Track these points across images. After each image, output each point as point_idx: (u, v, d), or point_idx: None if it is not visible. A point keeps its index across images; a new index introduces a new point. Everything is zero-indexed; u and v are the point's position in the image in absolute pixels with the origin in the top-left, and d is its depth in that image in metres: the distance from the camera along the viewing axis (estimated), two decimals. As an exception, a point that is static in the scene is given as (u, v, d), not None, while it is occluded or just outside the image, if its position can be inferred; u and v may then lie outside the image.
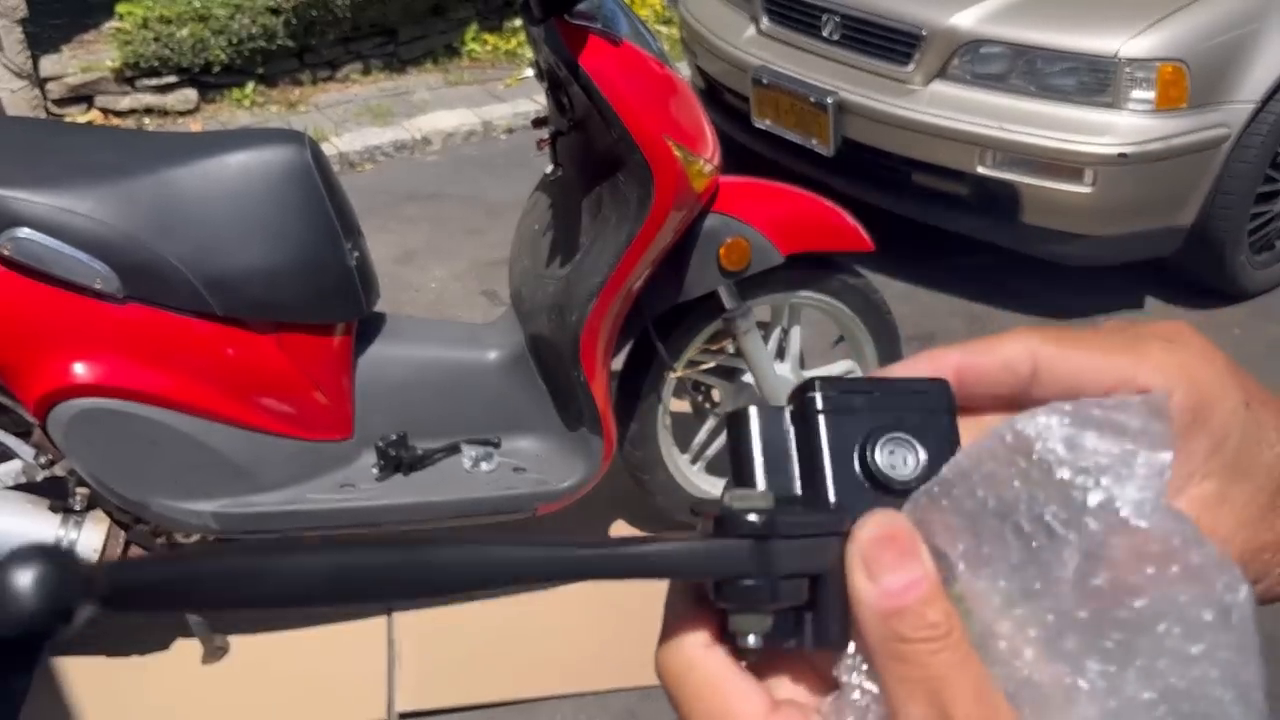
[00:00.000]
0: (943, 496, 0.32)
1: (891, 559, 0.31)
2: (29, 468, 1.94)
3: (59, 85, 4.71)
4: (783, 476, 0.33)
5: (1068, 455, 0.30)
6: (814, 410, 0.33)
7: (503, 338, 2.20)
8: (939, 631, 0.30)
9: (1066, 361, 0.35)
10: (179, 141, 1.98)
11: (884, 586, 0.30)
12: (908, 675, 0.30)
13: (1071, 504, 0.30)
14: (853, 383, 0.34)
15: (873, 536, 0.31)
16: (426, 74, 5.40)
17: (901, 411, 0.33)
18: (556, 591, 2.34)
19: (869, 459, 0.33)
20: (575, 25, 1.86)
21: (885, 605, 0.30)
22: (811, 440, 0.33)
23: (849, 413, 0.33)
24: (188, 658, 2.17)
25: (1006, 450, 0.31)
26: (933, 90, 3.28)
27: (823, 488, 0.32)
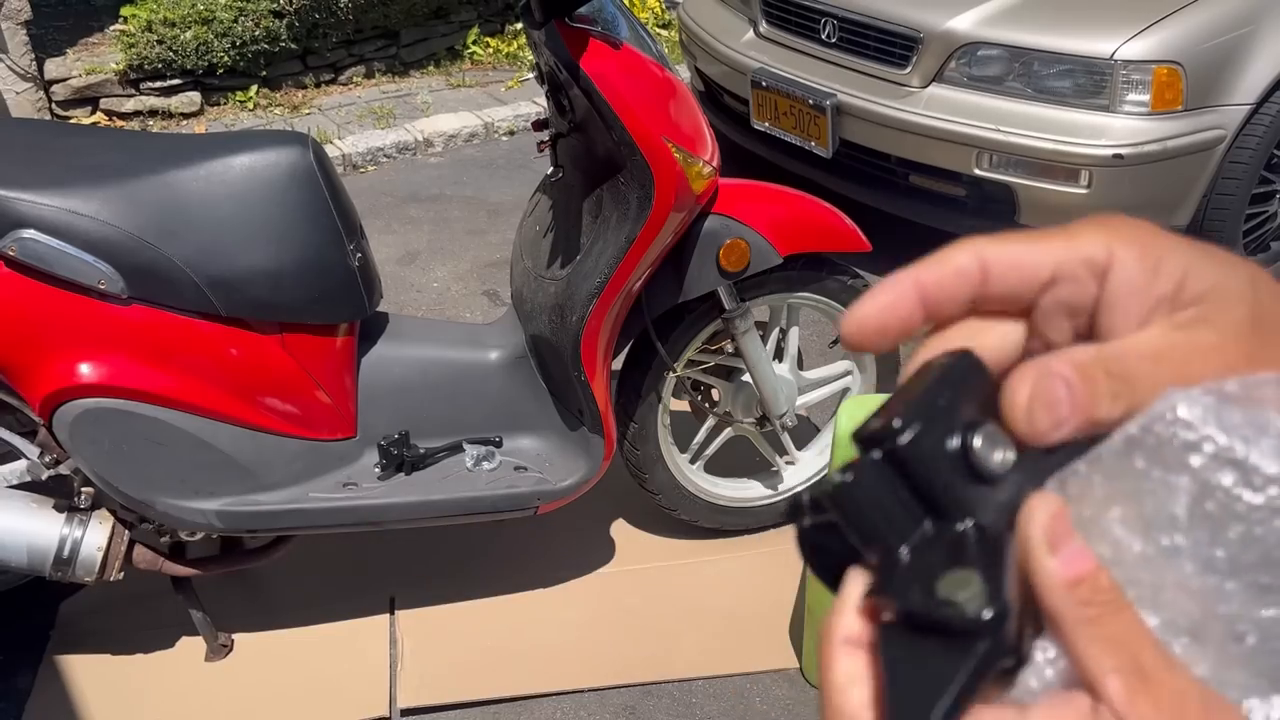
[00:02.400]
0: (1094, 471, 0.34)
1: (1064, 535, 0.33)
2: (34, 467, 1.95)
3: (63, 88, 4.73)
4: (905, 521, 0.33)
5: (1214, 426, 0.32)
6: (905, 450, 0.33)
7: (504, 338, 2.22)
8: (1116, 594, 0.33)
9: (1008, 254, 0.36)
10: (183, 143, 1.99)
11: (1064, 559, 0.32)
12: (1098, 635, 0.32)
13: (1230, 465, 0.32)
14: (914, 395, 0.34)
15: (1048, 516, 0.33)
16: (429, 76, 5.42)
17: (965, 400, 0.34)
18: (557, 590, 2.36)
19: (974, 462, 0.33)
20: (576, 28, 1.87)
21: (1069, 575, 0.32)
22: (917, 476, 0.33)
23: (932, 426, 0.33)
24: (191, 655, 2.18)
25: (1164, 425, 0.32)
26: (930, 93, 3.30)
27: (949, 510, 0.33)
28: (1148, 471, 0.33)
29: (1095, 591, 0.32)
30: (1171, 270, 0.36)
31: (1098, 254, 0.36)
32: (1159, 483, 0.32)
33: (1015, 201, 3.20)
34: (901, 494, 0.33)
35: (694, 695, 2.13)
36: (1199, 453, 0.32)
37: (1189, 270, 0.36)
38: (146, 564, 2.04)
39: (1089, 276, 0.36)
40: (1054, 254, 0.36)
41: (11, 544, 1.93)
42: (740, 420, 2.41)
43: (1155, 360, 0.35)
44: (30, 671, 2.18)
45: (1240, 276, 0.36)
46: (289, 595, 2.36)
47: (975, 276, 0.37)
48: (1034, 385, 0.34)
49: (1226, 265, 0.36)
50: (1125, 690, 0.32)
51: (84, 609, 2.30)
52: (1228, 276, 0.36)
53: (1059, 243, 0.37)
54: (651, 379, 2.24)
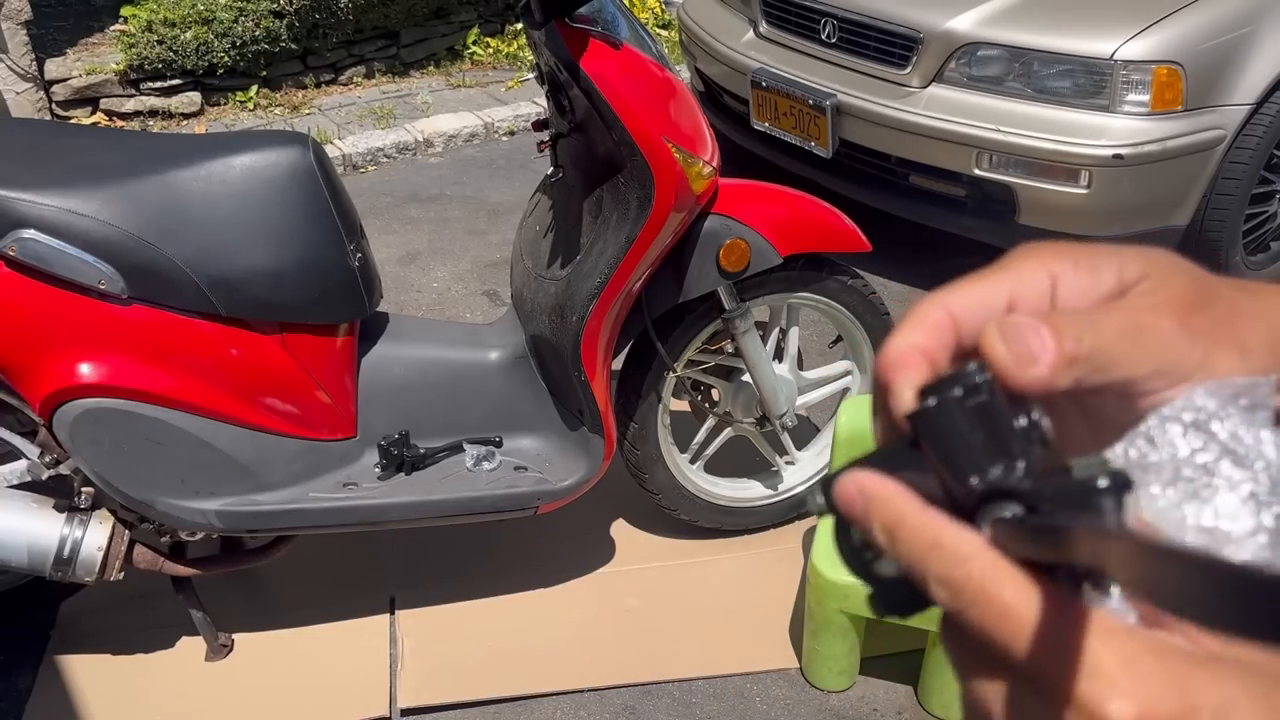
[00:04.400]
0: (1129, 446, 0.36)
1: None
2: (34, 467, 1.95)
3: (64, 88, 4.73)
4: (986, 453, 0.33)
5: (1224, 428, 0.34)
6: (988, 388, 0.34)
7: (504, 338, 2.22)
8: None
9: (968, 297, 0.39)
10: (183, 143, 1.99)
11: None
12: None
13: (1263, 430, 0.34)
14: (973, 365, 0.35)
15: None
16: (429, 77, 5.42)
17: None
18: (557, 589, 2.36)
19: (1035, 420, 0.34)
20: (576, 29, 1.87)
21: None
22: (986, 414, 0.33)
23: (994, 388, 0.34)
24: (191, 655, 2.18)
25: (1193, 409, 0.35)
26: (930, 93, 3.30)
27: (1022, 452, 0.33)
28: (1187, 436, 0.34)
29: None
30: (1108, 270, 0.39)
31: (1040, 281, 0.40)
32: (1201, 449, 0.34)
33: (1015, 202, 3.21)
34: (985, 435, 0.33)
35: (694, 695, 2.13)
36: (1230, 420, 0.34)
37: (1122, 265, 0.39)
38: (147, 564, 2.04)
39: (1040, 298, 0.39)
40: (1005, 286, 0.40)
41: (12, 544, 1.93)
42: (740, 420, 2.41)
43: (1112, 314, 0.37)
44: (30, 671, 2.18)
45: (1169, 257, 0.40)
46: (289, 595, 2.36)
47: (949, 328, 0.39)
48: (999, 327, 0.36)
49: (1154, 253, 0.40)
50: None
51: (84, 609, 2.30)
52: (1159, 259, 0.40)
53: (1005, 275, 0.40)
54: (651, 379, 2.24)
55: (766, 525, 2.51)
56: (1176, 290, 0.38)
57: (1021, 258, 0.41)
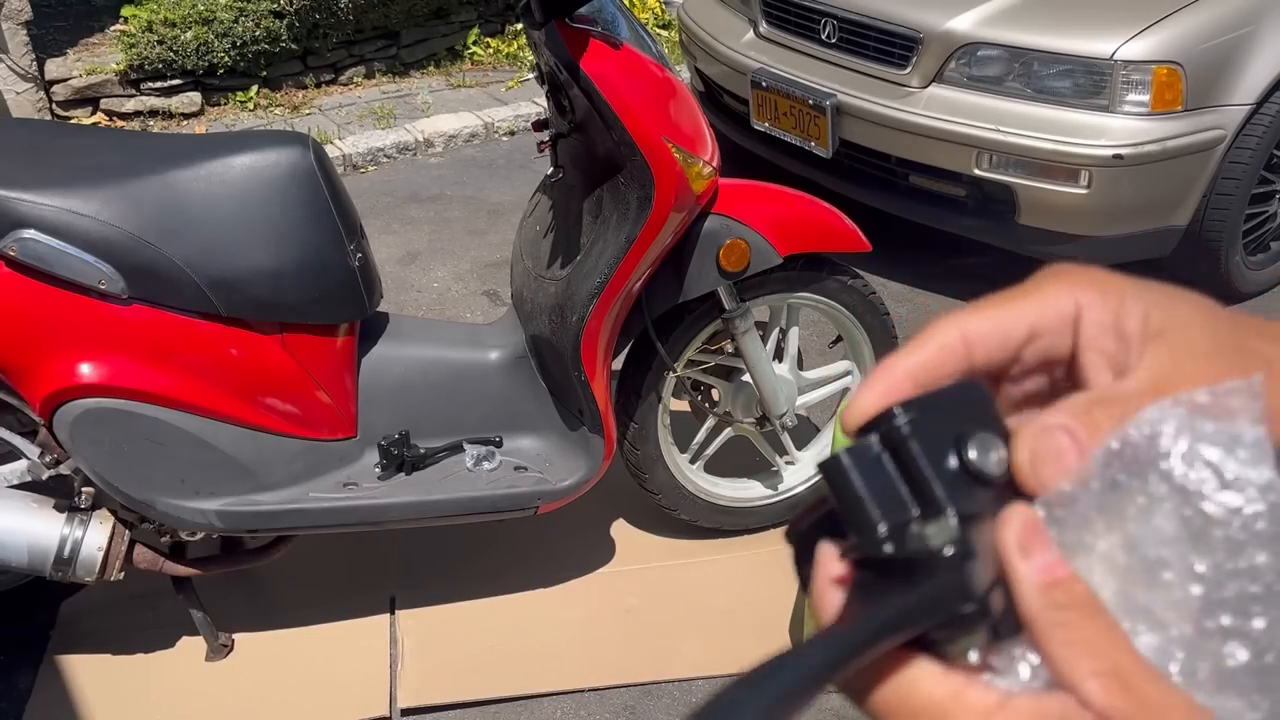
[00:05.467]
0: (1078, 491, 0.34)
1: (1039, 542, 0.34)
2: (34, 467, 1.95)
3: (64, 88, 4.73)
4: (894, 501, 0.34)
5: (1192, 435, 0.33)
6: (903, 435, 0.34)
7: (504, 338, 2.22)
8: (1090, 600, 0.33)
9: (986, 323, 0.39)
10: (183, 143, 1.99)
11: (1039, 564, 0.33)
12: (1073, 638, 0.33)
13: (1206, 473, 0.33)
14: (916, 400, 0.35)
15: (1021, 523, 0.34)
16: (429, 77, 5.42)
17: (965, 412, 0.36)
18: (557, 589, 2.36)
19: (967, 460, 0.34)
20: (576, 29, 1.88)
21: (1043, 579, 0.33)
22: (910, 461, 0.34)
23: (930, 426, 0.35)
24: (192, 655, 2.19)
25: (1141, 439, 0.33)
26: (930, 93, 3.30)
27: (936, 499, 0.33)
28: (1128, 484, 0.33)
29: (1070, 596, 0.33)
30: (1133, 309, 0.38)
31: (1065, 307, 0.39)
32: (1139, 494, 0.33)
33: (1015, 202, 3.21)
34: (893, 479, 0.34)
35: (694, 695, 2.13)
36: (1173, 462, 0.33)
37: (1149, 307, 0.38)
38: (147, 564, 2.04)
39: (1062, 328, 0.39)
40: (1027, 314, 0.39)
41: (12, 544, 1.93)
42: (740, 420, 2.41)
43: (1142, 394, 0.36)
44: (30, 671, 2.18)
45: (1196, 306, 0.39)
46: (289, 595, 2.36)
47: (960, 351, 0.39)
48: (1034, 441, 0.35)
49: (1182, 299, 0.39)
50: (1105, 693, 0.32)
51: (84, 609, 2.30)
52: (1185, 308, 0.39)
53: (1029, 302, 0.39)
54: (651, 379, 2.24)
55: (766, 525, 2.51)
56: (1197, 350, 0.37)
57: (1050, 280, 0.40)
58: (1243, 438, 0.33)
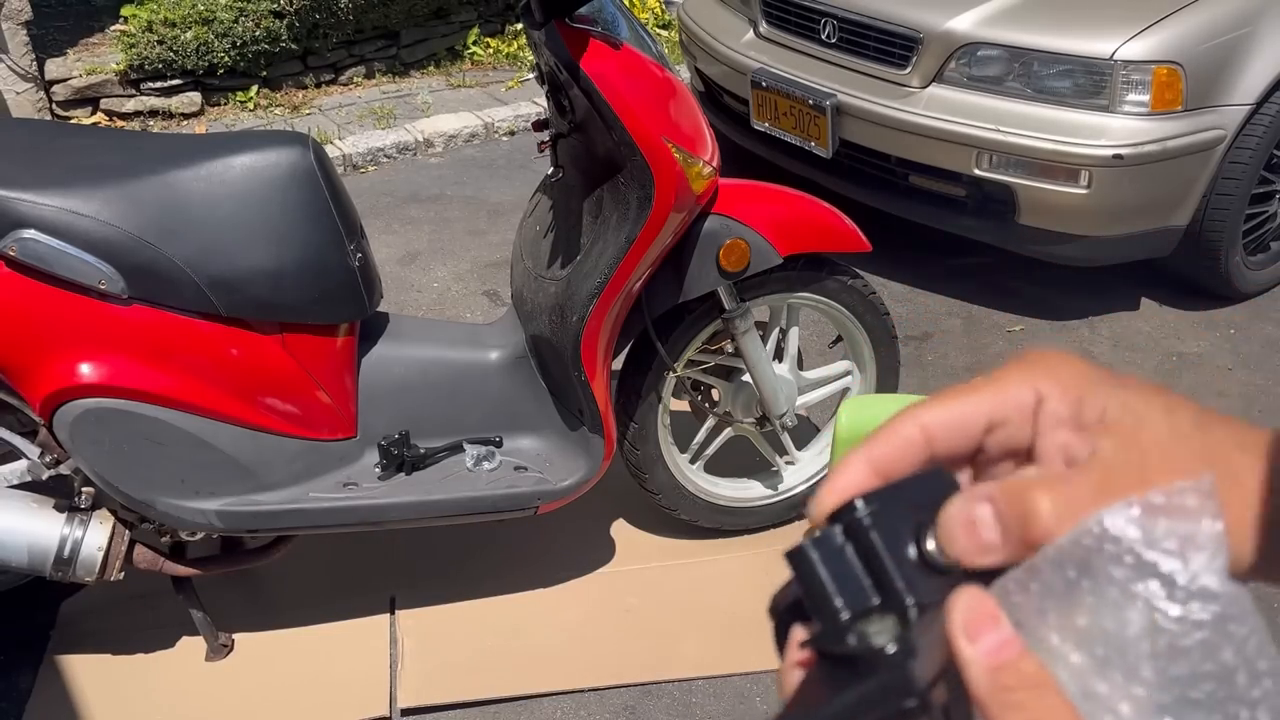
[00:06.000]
0: (1031, 580, 0.36)
1: (987, 624, 0.35)
2: (34, 467, 1.95)
3: (64, 88, 4.73)
4: (855, 590, 0.36)
5: (1144, 537, 0.34)
6: (864, 526, 0.36)
7: (504, 338, 2.22)
8: (1040, 679, 0.34)
9: (945, 416, 0.41)
10: (183, 143, 1.99)
11: (985, 646, 0.35)
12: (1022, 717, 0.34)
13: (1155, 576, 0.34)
14: (880, 491, 0.38)
15: (968, 606, 0.35)
16: (429, 77, 5.42)
17: (928, 502, 0.37)
18: (557, 589, 2.36)
19: (924, 550, 0.36)
20: (576, 29, 1.88)
21: (990, 661, 0.35)
22: (870, 551, 0.36)
23: (891, 517, 0.37)
24: (192, 655, 2.19)
25: (1090, 541, 0.35)
26: (930, 93, 3.30)
27: (894, 589, 0.35)
28: (1078, 582, 0.35)
29: (1020, 678, 0.34)
30: (1093, 402, 0.40)
31: (1025, 398, 0.41)
32: (1089, 594, 0.35)
33: (1015, 202, 3.21)
34: (855, 568, 0.36)
35: (694, 695, 2.13)
36: (1124, 565, 0.34)
37: (1108, 400, 0.40)
38: (147, 564, 2.04)
39: (1022, 419, 0.40)
40: (986, 406, 0.41)
41: (12, 544, 1.93)
42: (740, 420, 2.41)
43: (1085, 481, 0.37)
44: (30, 671, 2.18)
45: (1154, 399, 0.40)
46: (289, 595, 2.36)
47: (920, 442, 0.40)
48: (952, 507, 0.37)
49: (1141, 393, 0.40)
50: None
51: (84, 609, 2.31)
52: (1143, 401, 0.40)
53: (988, 393, 0.41)
54: (651, 379, 2.24)
55: (766, 525, 2.51)
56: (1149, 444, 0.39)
57: (1015, 370, 0.42)
58: (1198, 539, 0.34)
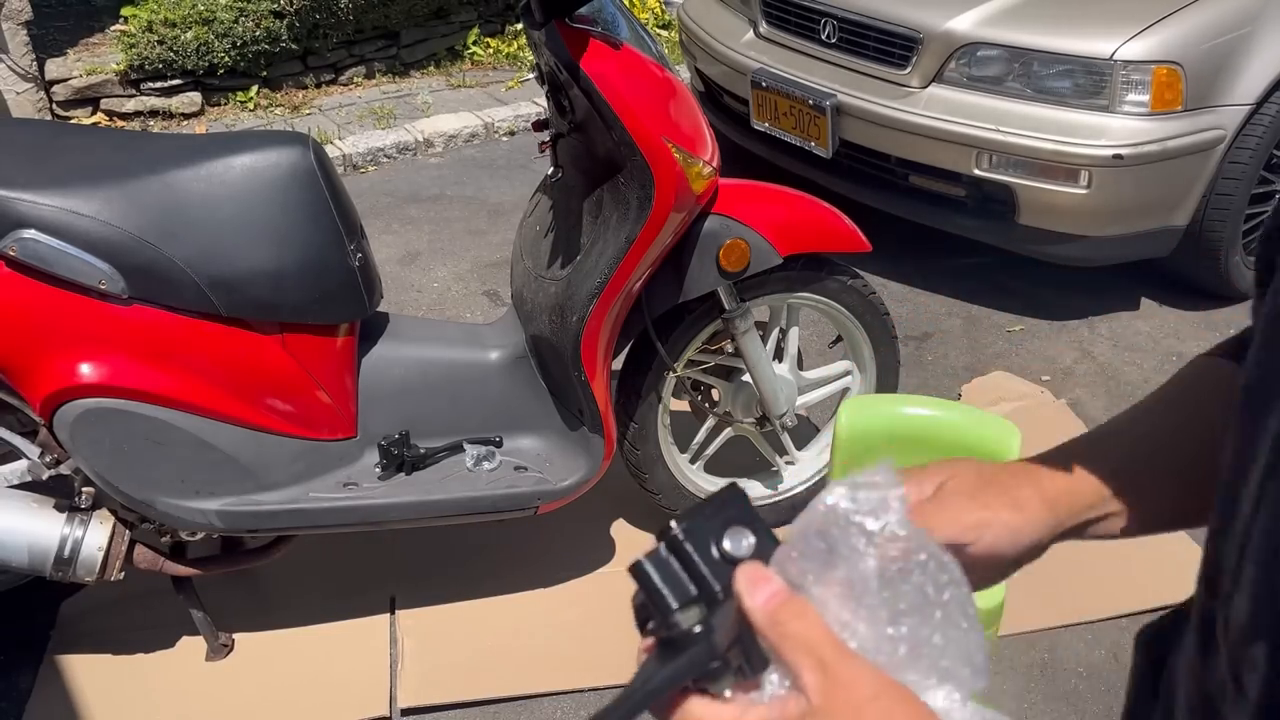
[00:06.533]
0: (792, 549, 0.52)
1: (761, 583, 0.50)
2: (35, 467, 1.95)
3: (64, 88, 4.73)
4: (681, 587, 0.51)
5: (854, 506, 0.52)
6: (679, 540, 0.51)
7: (504, 338, 2.22)
8: (802, 609, 0.50)
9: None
10: (184, 143, 1.99)
11: (761, 597, 0.50)
12: (793, 645, 0.49)
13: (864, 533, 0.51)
14: (689, 513, 0.53)
15: (747, 574, 0.51)
16: (429, 77, 5.42)
17: (726, 514, 0.53)
18: (557, 589, 2.36)
19: (723, 549, 0.51)
20: (576, 29, 1.87)
21: (766, 606, 0.50)
22: (687, 558, 0.51)
23: (699, 529, 0.52)
24: (192, 655, 2.19)
25: (820, 515, 0.52)
26: (930, 93, 3.30)
27: (706, 580, 0.51)
28: (823, 546, 0.51)
29: (786, 611, 0.49)
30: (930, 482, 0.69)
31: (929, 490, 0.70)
32: (831, 553, 0.51)
33: (1015, 202, 3.21)
34: (677, 571, 0.51)
35: (694, 695, 2.13)
36: (845, 528, 0.51)
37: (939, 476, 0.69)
38: (147, 564, 2.04)
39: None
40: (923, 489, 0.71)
41: (12, 544, 1.93)
42: (740, 420, 2.41)
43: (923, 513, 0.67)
44: (30, 671, 2.18)
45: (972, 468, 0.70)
46: (289, 595, 2.36)
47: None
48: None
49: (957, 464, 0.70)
50: (814, 679, 0.48)
51: (84, 609, 2.31)
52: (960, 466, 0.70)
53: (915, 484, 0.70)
54: (651, 379, 2.24)
55: (766, 525, 2.51)
56: (966, 481, 0.68)
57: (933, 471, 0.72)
58: (888, 502, 0.52)
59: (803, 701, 0.48)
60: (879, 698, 0.48)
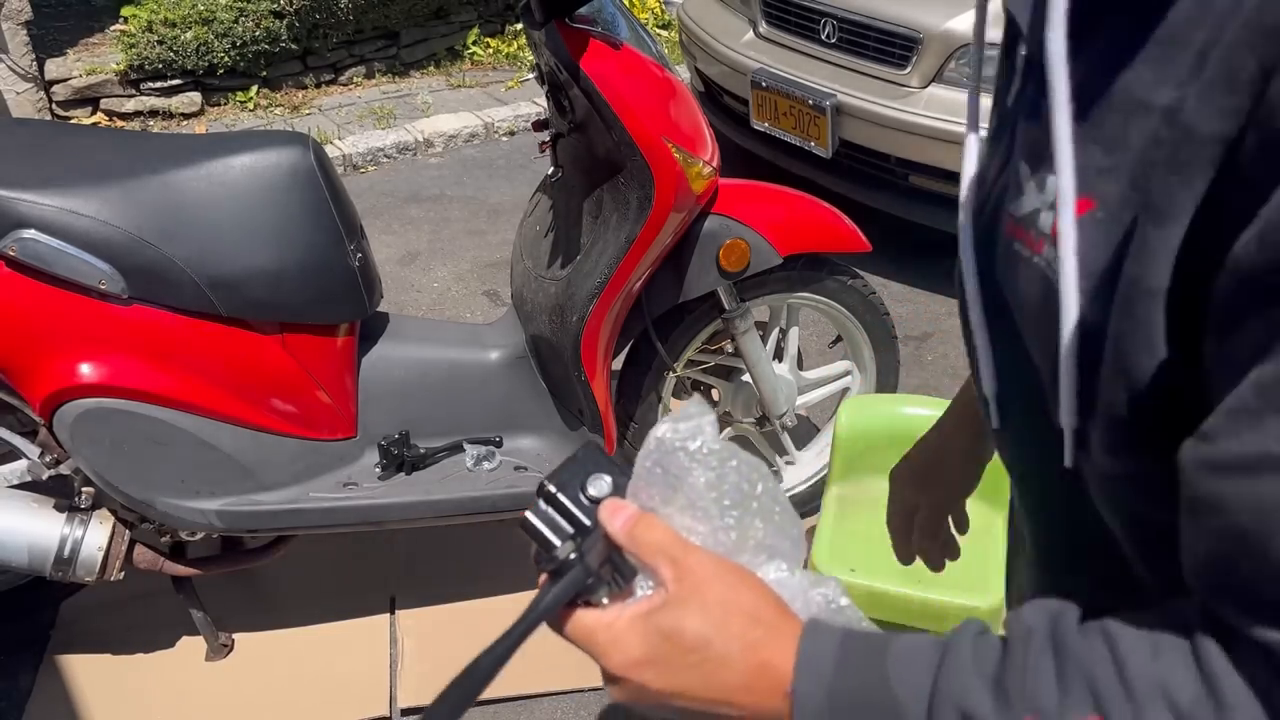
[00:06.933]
0: (638, 480, 0.64)
1: (619, 509, 0.62)
2: (34, 467, 1.95)
3: (64, 88, 4.73)
4: (559, 529, 0.63)
5: (676, 435, 0.62)
6: (552, 492, 0.63)
7: (504, 338, 2.22)
8: (652, 521, 0.62)
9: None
10: (183, 143, 1.99)
11: (620, 520, 0.62)
12: (648, 550, 0.61)
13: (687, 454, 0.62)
14: (557, 470, 0.64)
15: (608, 506, 0.62)
16: (429, 77, 5.42)
17: (587, 466, 0.64)
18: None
19: (588, 494, 0.63)
20: (576, 29, 1.87)
21: (624, 526, 0.61)
22: (561, 505, 0.63)
23: (566, 480, 0.64)
24: (192, 655, 2.19)
25: (653, 448, 0.63)
26: (930, 93, 3.30)
27: (577, 519, 0.63)
28: (664, 472, 0.63)
29: (640, 526, 0.61)
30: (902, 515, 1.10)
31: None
32: (673, 476, 0.63)
33: (1015, 202, 3.20)
34: (556, 518, 0.63)
35: (694, 695, 2.13)
36: (675, 453, 0.62)
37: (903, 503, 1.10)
38: (147, 564, 2.04)
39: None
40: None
41: (12, 544, 1.93)
42: (740, 420, 2.41)
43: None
44: (30, 671, 2.18)
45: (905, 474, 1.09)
46: (289, 595, 2.36)
47: None
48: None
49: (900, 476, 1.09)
50: (668, 572, 0.60)
51: (85, 609, 2.31)
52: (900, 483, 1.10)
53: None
54: (651, 379, 2.24)
55: (766, 525, 2.51)
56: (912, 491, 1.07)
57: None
58: (703, 427, 0.62)
59: (662, 592, 0.60)
60: (719, 575, 0.59)
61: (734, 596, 0.59)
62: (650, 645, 0.59)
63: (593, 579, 0.61)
